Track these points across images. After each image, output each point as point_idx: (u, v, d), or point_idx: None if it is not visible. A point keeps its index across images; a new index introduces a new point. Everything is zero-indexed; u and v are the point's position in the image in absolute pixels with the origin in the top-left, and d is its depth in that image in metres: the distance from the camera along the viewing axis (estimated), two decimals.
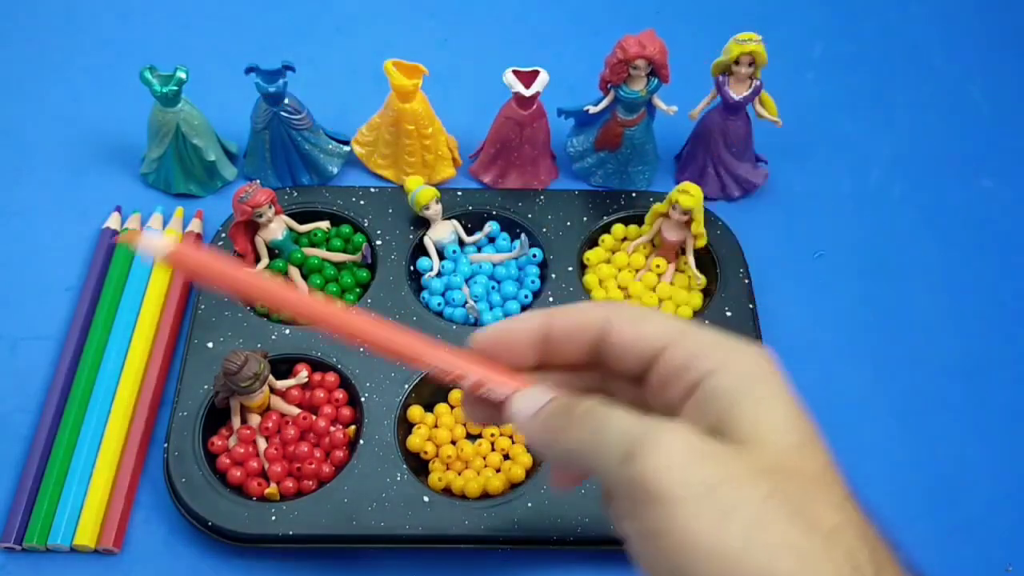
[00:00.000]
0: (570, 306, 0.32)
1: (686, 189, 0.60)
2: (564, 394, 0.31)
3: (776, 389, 0.29)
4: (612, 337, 0.31)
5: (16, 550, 0.53)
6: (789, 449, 0.27)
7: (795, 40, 0.81)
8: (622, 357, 0.31)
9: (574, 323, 0.32)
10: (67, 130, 0.72)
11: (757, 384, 0.28)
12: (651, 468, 0.26)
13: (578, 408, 0.29)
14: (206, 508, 0.52)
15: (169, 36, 0.79)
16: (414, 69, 0.63)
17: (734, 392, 0.28)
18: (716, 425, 0.28)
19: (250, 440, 0.55)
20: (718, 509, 0.25)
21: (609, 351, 0.31)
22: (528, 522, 0.52)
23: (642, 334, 0.30)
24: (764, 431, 0.27)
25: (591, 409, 0.29)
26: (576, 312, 0.32)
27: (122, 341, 0.59)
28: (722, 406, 0.28)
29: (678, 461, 0.26)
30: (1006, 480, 0.58)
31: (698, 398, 0.29)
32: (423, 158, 0.67)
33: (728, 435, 0.27)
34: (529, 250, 0.64)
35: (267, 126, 0.65)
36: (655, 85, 0.63)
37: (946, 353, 0.63)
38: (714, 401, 0.28)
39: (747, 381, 0.28)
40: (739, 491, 0.26)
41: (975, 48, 0.82)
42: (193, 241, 0.64)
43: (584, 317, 0.32)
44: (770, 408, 0.28)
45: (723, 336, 0.30)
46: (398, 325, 0.31)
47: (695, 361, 0.29)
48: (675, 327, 0.30)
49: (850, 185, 0.72)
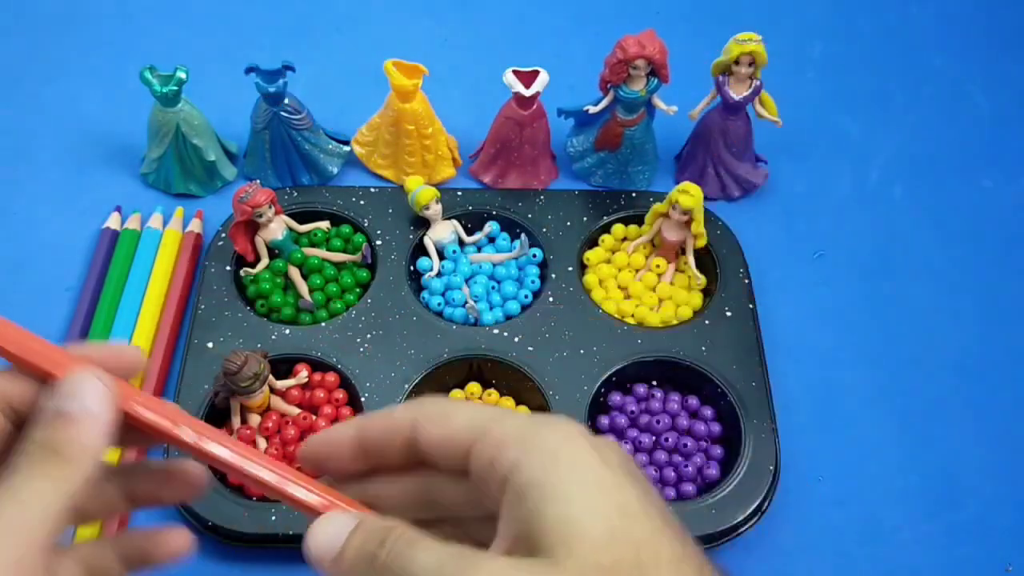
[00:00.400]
0: (380, 411, 0.31)
1: (686, 189, 0.60)
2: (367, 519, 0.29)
3: (580, 471, 0.27)
4: (421, 439, 0.30)
5: None
6: (599, 542, 0.26)
7: (795, 40, 0.81)
8: (437, 457, 0.30)
9: (384, 428, 0.31)
10: (67, 130, 0.72)
11: (560, 470, 0.27)
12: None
13: (380, 555, 0.27)
14: (206, 508, 0.52)
15: (169, 36, 0.79)
16: (414, 69, 0.63)
17: (537, 488, 0.27)
18: (526, 532, 0.27)
19: (250, 440, 0.55)
20: None
21: (423, 453, 0.30)
22: None
23: (448, 433, 0.29)
24: (571, 529, 0.26)
25: (393, 558, 0.27)
26: (384, 417, 0.31)
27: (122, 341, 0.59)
28: (528, 508, 0.27)
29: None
30: (1006, 480, 0.58)
31: (508, 498, 0.27)
32: (423, 158, 0.67)
33: (538, 543, 0.26)
34: (529, 250, 0.64)
35: (267, 126, 0.65)
36: (655, 85, 0.63)
37: (946, 353, 0.63)
38: (520, 502, 0.27)
39: (549, 470, 0.27)
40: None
41: (975, 48, 0.82)
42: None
43: (391, 422, 0.31)
44: (575, 499, 0.26)
45: (528, 420, 0.29)
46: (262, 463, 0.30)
47: (500, 455, 0.28)
48: (480, 419, 0.29)
49: (850, 185, 0.72)
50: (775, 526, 0.55)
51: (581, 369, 0.58)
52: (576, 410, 0.56)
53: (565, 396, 0.57)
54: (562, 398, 0.57)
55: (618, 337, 0.59)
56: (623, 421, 0.57)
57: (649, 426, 0.57)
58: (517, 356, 0.58)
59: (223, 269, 0.62)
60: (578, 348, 0.59)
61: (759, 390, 0.57)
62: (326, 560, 0.28)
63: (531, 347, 0.59)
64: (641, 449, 0.56)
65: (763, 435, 0.55)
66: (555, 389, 0.57)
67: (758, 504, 0.53)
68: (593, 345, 0.59)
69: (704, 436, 0.57)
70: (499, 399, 0.58)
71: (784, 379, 0.60)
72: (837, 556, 0.55)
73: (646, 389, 0.59)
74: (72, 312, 0.61)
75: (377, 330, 0.59)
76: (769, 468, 0.54)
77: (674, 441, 0.56)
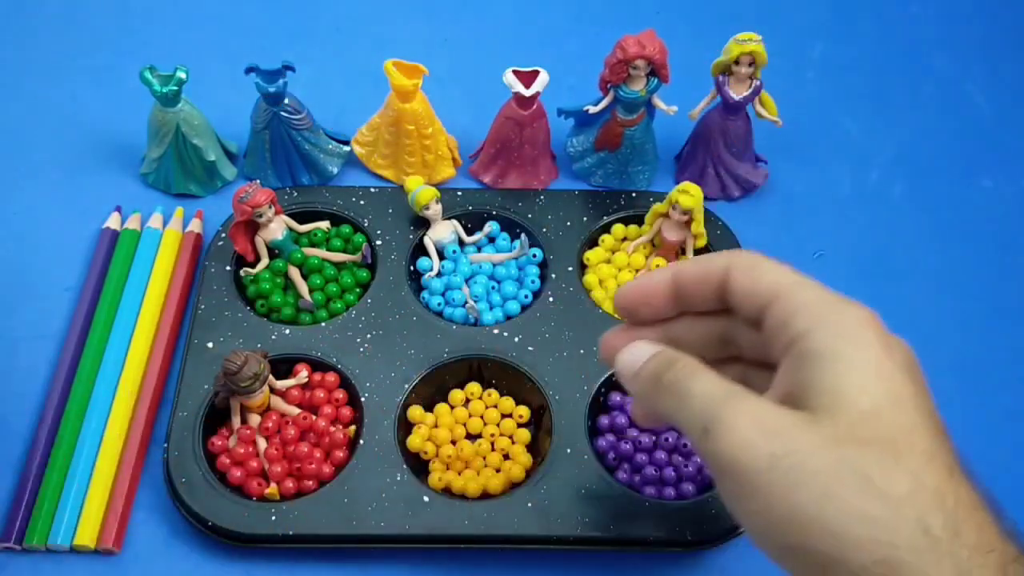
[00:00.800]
0: (698, 256, 0.35)
1: (686, 189, 0.60)
2: (665, 350, 0.34)
3: (864, 351, 0.29)
4: (730, 286, 0.33)
5: (16, 550, 0.53)
6: (864, 416, 0.28)
7: (795, 40, 0.81)
8: (740, 305, 0.33)
9: (699, 272, 0.34)
10: (67, 130, 0.72)
11: (845, 346, 0.29)
12: (724, 446, 0.29)
13: (665, 377, 0.32)
14: (206, 508, 0.52)
15: (169, 36, 0.79)
16: (414, 69, 0.63)
17: (820, 356, 0.29)
18: (799, 390, 0.30)
19: (250, 440, 0.55)
20: (788, 482, 0.28)
21: (730, 299, 0.34)
22: (528, 522, 0.52)
23: (755, 286, 0.33)
24: (841, 398, 0.28)
25: (675, 381, 0.32)
26: (700, 263, 0.35)
27: (122, 341, 0.59)
28: (807, 371, 0.30)
29: (748, 438, 0.29)
30: (1006, 480, 0.57)
31: (791, 357, 0.31)
32: (423, 158, 0.67)
33: (807, 402, 0.29)
34: (529, 250, 0.64)
35: (267, 126, 0.65)
36: (655, 85, 0.63)
37: (946, 353, 0.63)
38: (801, 364, 0.30)
39: (835, 343, 0.30)
40: (808, 463, 0.27)
41: (975, 48, 0.82)
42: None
43: (707, 268, 0.34)
44: (852, 373, 0.29)
45: (826, 294, 0.31)
46: None
47: (793, 319, 0.31)
48: (786, 281, 0.32)
49: (850, 185, 0.72)
50: None
51: (581, 369, 0.58)
52: (576, 410, 0.56)
53: (565, 396, 0.57)
54: (562, 398, 0.57)
55: None
56: (623, 421, 0.57)
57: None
58: (517, 356, 0.58)
59: (223, 269, 0.62)
60: (578, 348, 0.59)
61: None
62: (628, 375, 0.35)
63: (531, 347, 0.59)
64: (641, 449, 0.56)
65: None
66: (555, 389, 0.57)
67: None
68: (593, 345, 0.59)
69: None
70: (499, 399, 0.58)
71: None
72: None
73: None
74: (72, 312, 0.61)
75: (377, 330, 0.59)
76: None
77: (674, 441, 0.56)
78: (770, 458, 0.28)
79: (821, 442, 0.28)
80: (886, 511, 0.27)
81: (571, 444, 0.55)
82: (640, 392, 0.34)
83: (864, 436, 0.28)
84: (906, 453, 0.28)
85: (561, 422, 0.56)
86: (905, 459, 0.28)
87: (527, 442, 0.57)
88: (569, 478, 0.54)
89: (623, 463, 0.56)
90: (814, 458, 0.27)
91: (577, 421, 0.56)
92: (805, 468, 0.27)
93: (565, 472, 0.54)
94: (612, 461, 0.56)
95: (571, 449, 0.55)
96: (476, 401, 0.58)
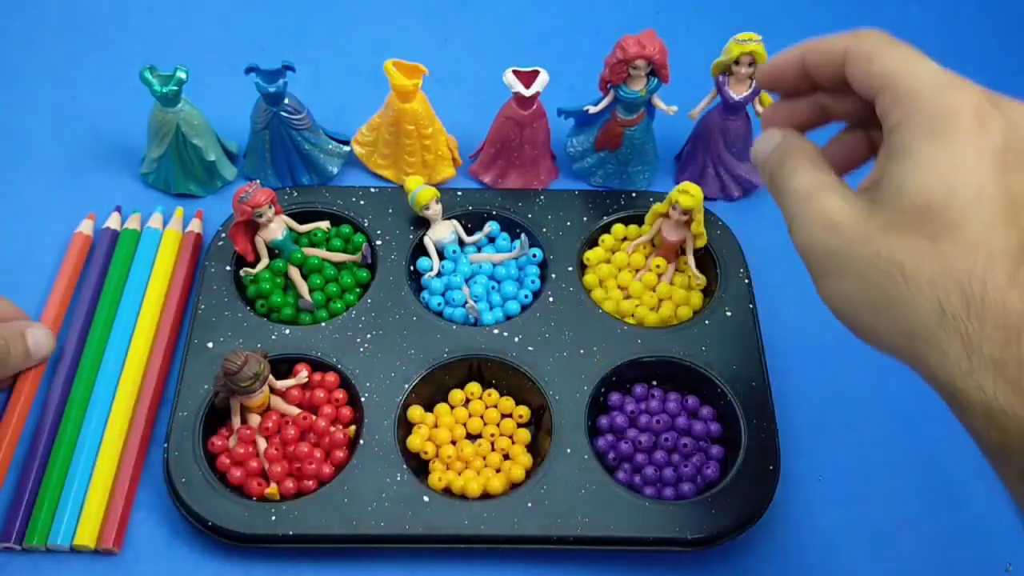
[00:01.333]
0: (824, 38, 0.37)
1: (686, 189, 0.60)
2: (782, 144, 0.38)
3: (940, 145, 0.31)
4: (847, 69, 0.36)
5: (16, 550, 0.53)
6: (916, 209, 0.31)
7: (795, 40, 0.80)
8: (858, 88, 0.35)
9: (822, 52, 0.37)
10: (67, 130, 0.72)
11: (923, 145, 0.32)
12: (796, 239, 0.36)
13: (776, 174, 0.37)
14: (206, 508, 0.52)
15: (169, 36, 0.79)
16: (414, 69, 0.63)
17: (896, 152, 0.32)
18: (876, 181, 0.34)
19: (250, 440, 0.55)
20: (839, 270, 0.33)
21: (850, 81, 0.36)
22: (528, 522, 0.52)
23: (867, 77, 0.35)
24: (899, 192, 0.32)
25: (780, 179, 0.37)
26: (824, 43, 0.37)
27: (122, 341, 0.59)
28: (887, 164, 0.33)
29: (811, 233, 0.35)
30: None
31: (884, 147, 0.34)
32: (423, 158, 0.67)
33: (876, 193, 0.33)
34: (529, 250, 0.64)
35: (267, 126, 0.65)
36: (655, 85, 0.63)
37: None
38: (886, 157, 0.33)
39: (915, 141, 0.32)
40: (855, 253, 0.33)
41: (975, 48, 0.82)
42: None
43: (829, 49, 0.37)
44: (916, 172, 0.31)
45: (930, 82, 0.33)
46: None
47: (892, 112, 0.33)
48: (895, 71, 0.34)
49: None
50: (775, 526, 0.55)
51: (581, 369, 0.58)
52: (576, 410, 0.56)
53: (565, 396, 0.57)
54: (562, 398, 0.57)
55: (618, 337, 0.59)
56: (623, 421, 0.57)
57: (648, 426, 0.57)
58: (517, 356, 0.58)
59: (223, 269, 0.62)
60: (578, 348, 0.59)
61: (759, 390, 0.57)
62: (760, 161, 0.39)
63: (531, 347, 0.59)
64: (641, 449, 0.56)
65: (763, 435, 0.55)
66: (555, 389, 0.57)
67: (758, 504, 0.53)
68: (593, 345, 0.59)
69: (703, 436, 0.57)
70: (499, 399, 0.58)
71: (784, 379, 0.60)
72: (837, 556, 0.55)
73: (646, 389, 0.59)
74: (72, 312, 0.61)
75: (377, 330, 0.59)
76: (769, 468, 0.54)
77: (673, 441, 0.56)
78: (824, 249, 0.34)
79: (868, 233, 0.32)
80: (909, 292, 0.31)
81: (571, 444, 0.55)
82: (765, 182, 0.39)
83: (909, 227, 0.31)
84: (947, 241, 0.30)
85: (561, 422, 0.56)
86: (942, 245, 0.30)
87: (527, 442, 0.57)
88: (569, 478, 0.54)
89: (623, 463, 0.56)
90: (860, 248, 0.32)
91: (577, 421, 0.56)
92: (851, 258, 0.33)
93: (565, 472, 0.54)
94: (612, 461, 0.56)
95: (571, 449, 0.55)
96: (476, 401, 0.58)
